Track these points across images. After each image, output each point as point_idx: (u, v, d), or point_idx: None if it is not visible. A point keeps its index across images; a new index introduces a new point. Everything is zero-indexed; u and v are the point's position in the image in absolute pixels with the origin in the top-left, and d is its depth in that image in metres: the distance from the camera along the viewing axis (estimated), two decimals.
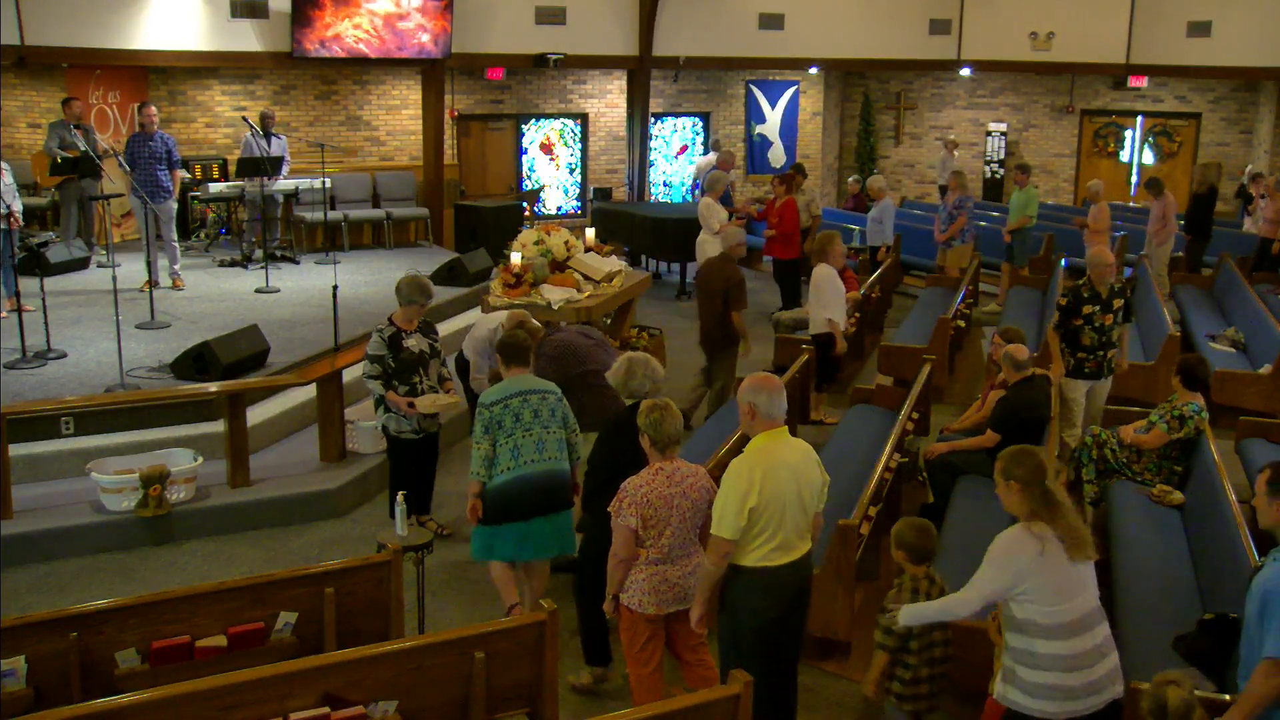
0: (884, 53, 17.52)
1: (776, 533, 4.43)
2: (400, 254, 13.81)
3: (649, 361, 5.53)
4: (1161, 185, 13.56)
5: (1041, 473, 4.06)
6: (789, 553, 4.49)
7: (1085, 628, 3.99)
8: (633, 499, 4.62)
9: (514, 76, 16.72)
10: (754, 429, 4.52)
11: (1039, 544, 3.96)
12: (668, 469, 4.68)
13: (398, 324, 6.82)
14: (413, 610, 5.64)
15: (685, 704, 4.05)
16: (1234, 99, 18.12)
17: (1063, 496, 4.10)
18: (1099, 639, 4.02)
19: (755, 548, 4.44)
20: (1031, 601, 3.95)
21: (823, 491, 4.65)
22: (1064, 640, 3.95)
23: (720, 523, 4.41)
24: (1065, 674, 3.95)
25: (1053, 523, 4.00)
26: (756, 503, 4.36)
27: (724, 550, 4.43)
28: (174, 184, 11.22)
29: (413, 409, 6.69)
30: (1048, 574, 3.93)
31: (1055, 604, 3.94)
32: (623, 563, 4.71)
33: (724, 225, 12.50)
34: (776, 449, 4.48)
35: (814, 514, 4.63)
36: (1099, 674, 4.00)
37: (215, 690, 3.92)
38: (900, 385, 9.26)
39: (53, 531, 6.85)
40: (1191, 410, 6.95)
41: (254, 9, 12.94)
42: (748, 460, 4.43)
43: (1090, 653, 3.99)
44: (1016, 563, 3.97)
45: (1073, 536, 3.98)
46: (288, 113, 15.01)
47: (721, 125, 18.99)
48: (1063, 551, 3.95)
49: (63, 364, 8.67)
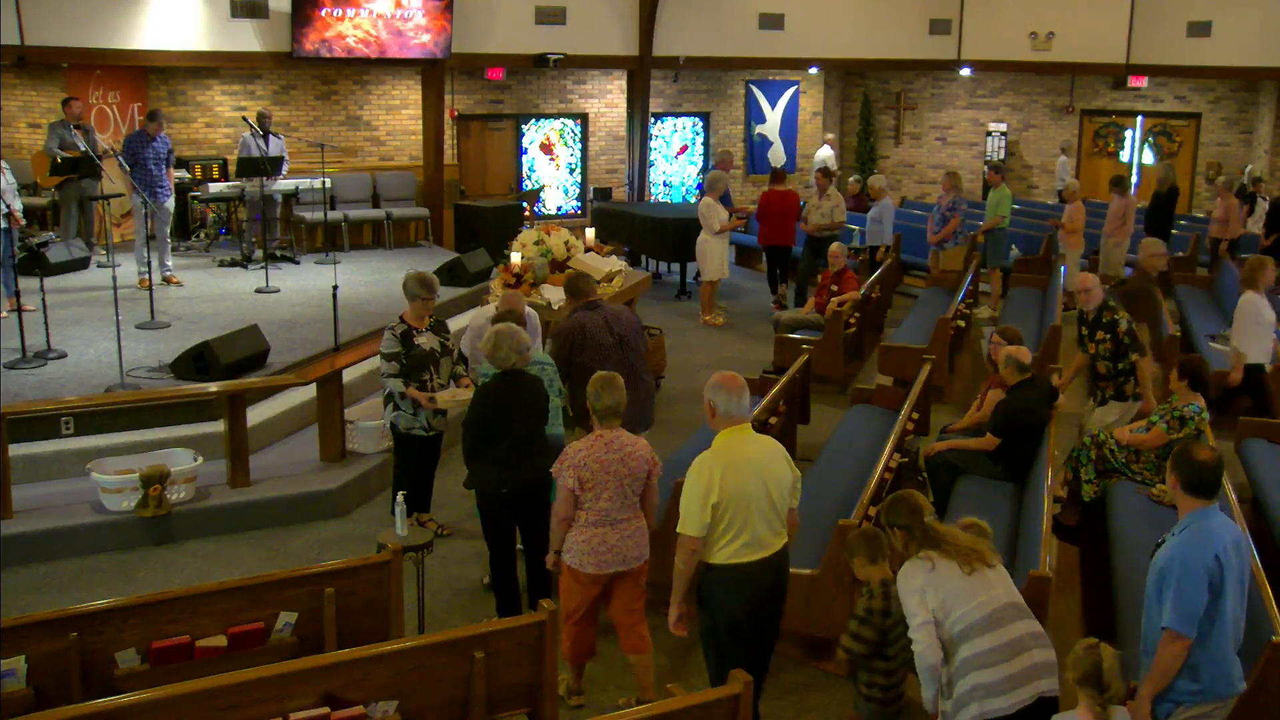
0: (884, 53, 17.52)
1: (744, 529, 4.48)
2: (400, 254, 13.81)
3: (516, 334, 5.71)
4: (1126, 183, 13.62)
5: (918, 514, 4.22)
6: (761, 549, 4.54)
7: (998, 623, 4.07)
8: (572, 462, 4.89)
9: (514, 76, 16.72)
10: (716, 426, 4.62)
11: (928, 564, 4.14)
12: (607, 436, 4.95)
13: (409, 322, 6.84)
14: (413, 610, 5.64)
15: (685, 704, 4.05)
16: (1234, 99, 18.12)
17: (941, 528, 4.25)
18: (1016, 634, 4.08)
19: (724, 544, 4.49)
20: (947, 613, 4.09)
21: (795, 488, 4.69)
22: (978, 638, 4.05)
23: (685, 520, 4.50)
24: (981, 671, 4.02)
25: (938, 550, 4.16)
26: (718, 499, 4.42)
27: (690, 547, 4.52)
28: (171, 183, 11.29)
29: (433, 403, 6.74)
30: (944, 584, 4.10)
31: (962, 607, 4.07)
32: (563, 521, 4.99)
33: (724, 225, 12.54)
34: (739, 445, 4.56)
35: (787, 510, 4.68)
36: (1018, 668, 4.03)
37: (215, 690, 3.92)
38: (900, 385, 9.26)
39: (53, 531, 6.85)
40: (1192, 411, 6.94)
41: (254, 9, 12.94)
42: (708, 458, 4.51)
43: (1005, 648, 4.04)
44: (916, 586, 4.13)
45: (961, 554, 4.14)
46: (288, 113, 15.01)
47: (721, 125, 18.99)
48: (955, 566, 4.12)
49: (63, 364, 8.67)
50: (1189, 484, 4.06)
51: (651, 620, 5.32)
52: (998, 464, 7.00)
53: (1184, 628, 3.91)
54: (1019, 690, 4.00)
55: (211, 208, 13.78)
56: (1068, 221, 13.07)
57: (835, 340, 10.22)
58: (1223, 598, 3.95)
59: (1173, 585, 3.91)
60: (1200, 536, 3.97)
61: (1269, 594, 4.91)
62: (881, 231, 13.51)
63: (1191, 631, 3.92)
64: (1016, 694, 3.99)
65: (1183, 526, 4.06)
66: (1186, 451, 4.13)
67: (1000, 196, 13.13)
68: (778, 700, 5.40)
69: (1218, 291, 12.53)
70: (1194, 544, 3.95)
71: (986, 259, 13.27)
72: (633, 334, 7.07)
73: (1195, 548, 3.94)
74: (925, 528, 4.20)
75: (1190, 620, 3.91)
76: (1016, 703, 3.99)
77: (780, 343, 10.43)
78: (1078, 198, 13.24)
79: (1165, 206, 14.05)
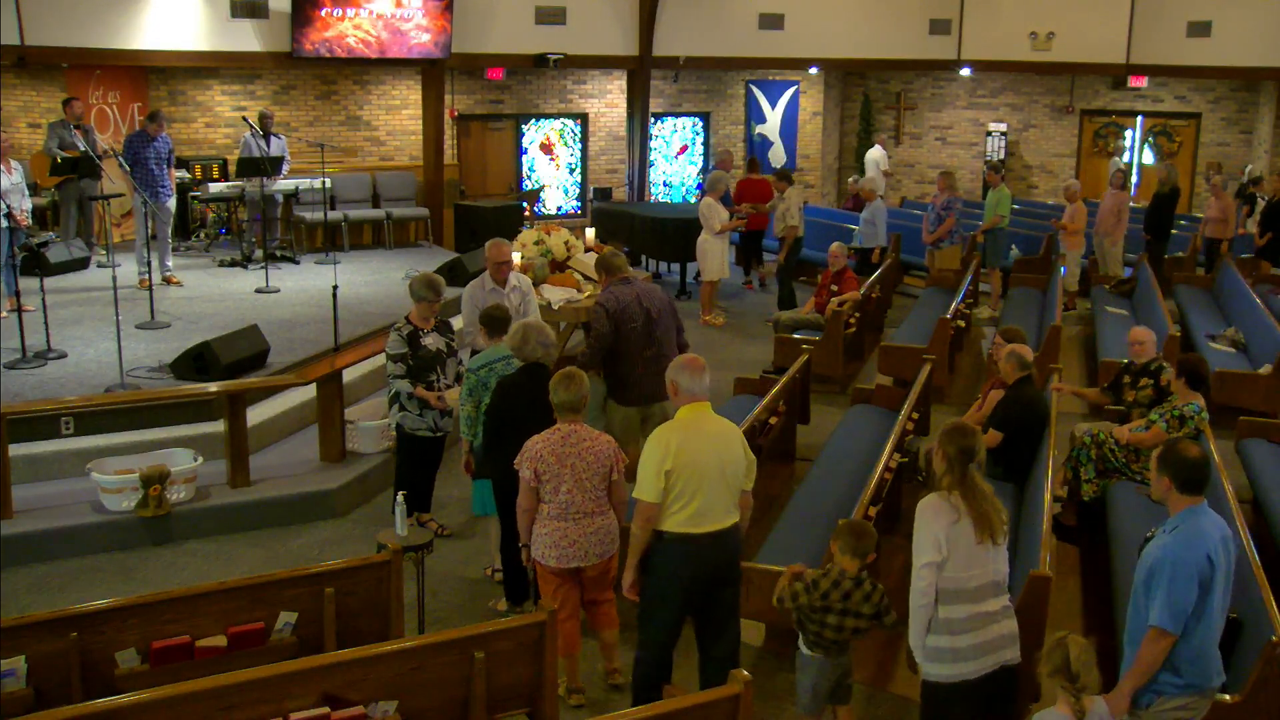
0: (884, 53, 17.51)
1: (693, 499, 4.69)
2: (400, 254, 13.81)
3: (543, 329, 5.94)
4: (1127, 179, 13.62)
5: (969, 455, 4.26)
6: (710, 522, 4.74)
7: (980, 597, 4.23)
8: (529, 454, 5.09)
9: (514, 76, 16.71)
10: (678, 403, 4.89)
11: (955, 514, 4.20)
12: (564, 430, 5.12)
13: (414, 322, 6.86)
14: (413, 610, 5.64)
15: (685, 704, 4.06)
16: (1234, 99, 18.12)
17: (981, 483, 4.29)
18: (991, 608, 4.26)
19: (674, 512, 4.72)
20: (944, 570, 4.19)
21: (749, 471, 4.90)
22: (956, 605, 4.19)
23: (641, 486, 4.73)
24: (953, 636, 4.20)
25: (966, 502, 4.22)
26: (672, 466, 4.66)
27: (646, 514, 4.74)
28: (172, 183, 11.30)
29: (442, 402, 6.76)
30: (958, 542, 4.18)
31: (958, 572, 4.19)
32: (525, 512, 5.18)
33: (725, 225, 12.54)
34: (697, 421, 4.81)
35: (740, 491, 4.88)
36: (985, 638, 4.23)
37: (215, 690, 3.92)
38: (900, 385, 9.26)
39: (53, 531, 6.85)
40: (1192, 410, 6.94)
41: (254, 9, 12.94)
42: (666, 428, 4.80)
43: (977, 618, 4.22)
44: (937, 529, 4.19)
45: (982, 520, 4.20)
46: (288, 113, 15.01)
47: (721, 125, 18.99)
48: (971, 529, 4.19)
49: (63, 364, 8.67)
50: (1182, 482, 4.06)
51: None
52: (998, 464, 6.99)
53: (1171, 626, 3.96)
54: (986, 658, 4.23)
55: (212, 208, 13.78)
56: (1069, 222, 13.07)
57: (835, 340, 10.22)
58: (1211, 595, 3.98)
59: (1164, 584, 3.95)
60: (1193, 535, 3.99)
61: (1269, 594, 4.91)
62: (875, 233, 13.49)
63: (1178, 630, 3.96)
64: (983, 660, 4.23)
65: (1174, 524, 4.07)
66: (1175, 450, 4.12)
67: (1000, 196, 13.11)
68: (778, 700, 5.40)
69: (1217, 291, 12.54)
70: (1187, 543, 3.97)
71: (986, 259, 13.27)
72: (661, 311, 7.29)
73: (1188, 547, 3.96)
74: (966, 472, 4.24)
75: (1178, 619, 3.95)
76: (982, 668, 4.23)
77: (780, 343, 10.43)
78: (1079, 198, 13.24)
79: (1166, 207, 14.05)
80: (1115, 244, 13.60)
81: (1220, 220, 14.07)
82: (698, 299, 13.17)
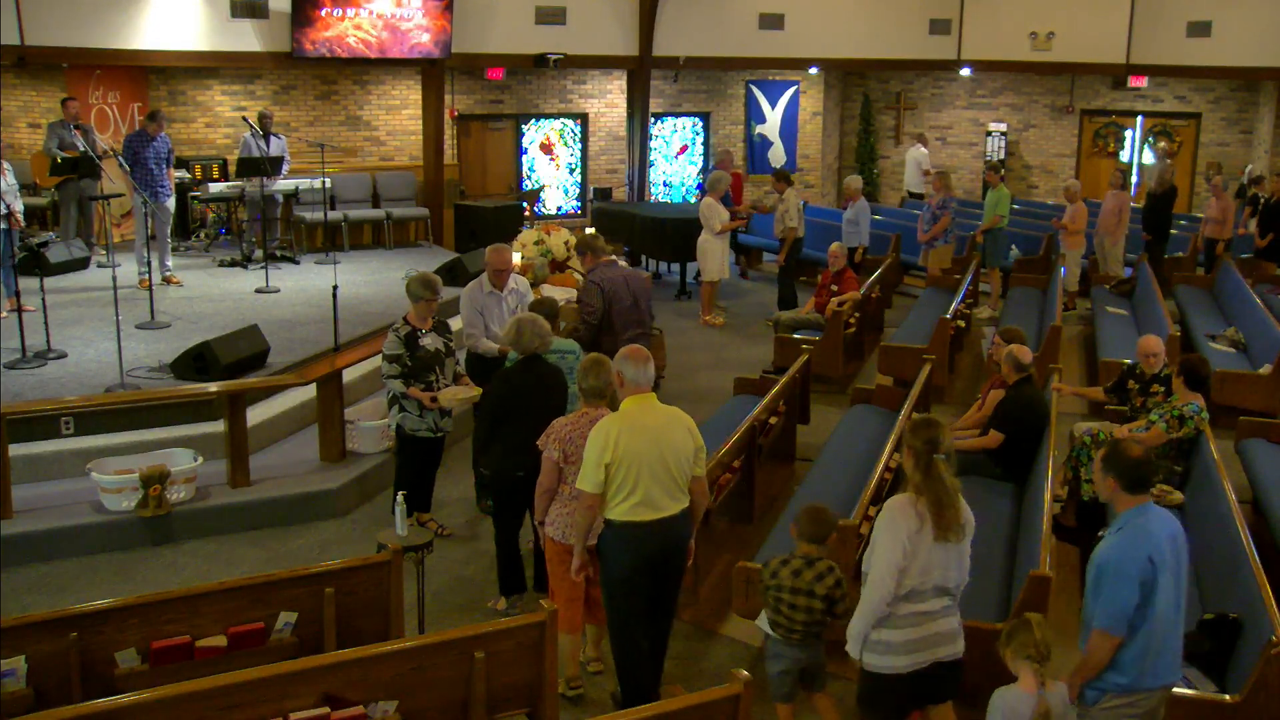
0: (884, 53, 17.52)
1: (636, 489, 4.83)
2: (400, 254, 13.81)
3: (536, 321, 6.06)
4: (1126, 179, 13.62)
5: (935, 446, 4.26)
6: (655, 510, 4.89)
7: (922, 597, 4.27)
8: (557, 435, 5.22)
9: (514, 76, 16.71)
10: (623, 394, 4.99)
11: (919, 521, 4.22)
12: (592, 414, 5.23)
13: (412, 323, 6.85)
14: (413, 610, 5.64)
15: (685, 704, 4.06)
16: (1234, 99, 18.12)
17: (948, 477, 4.27)
18: (932, 607, 4.30)
19: (618, 502, 4.87)
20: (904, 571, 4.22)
21: (698, 457, 5.02)
22: (901, 604, 4.25)
23: (582, 477, 4.90)
24: (890, 631, 4.28)
25: (926, 495, 4.22)
26: (611, 459, 4.79)
27: (587, 502, 4.92)
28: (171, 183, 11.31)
29: (435, 403, 6.77)
30: (919, 546, 4.22)
31: (915, 577, 4.23)
32: (546, 492, 5.30)
33: (725, 225, 12.54)
34: (639, 413, 4.92)
35: (691, 478, 5.01)
36: (920, 635, 4.28)
37: (215, 690, 3.92)
38: (900, 385, 9.26)
39: (53, 531, 6.85)
40: (1192, 410, 6.95)
41: (254, 9, 12.94)
42: (609, 421, 4.91)
43: (918, 616, 4.27)
44: (902, 534, 4.20)
45: (940, 516, 4.21)
46: (288, 113, 15.01)
47: (721, 125, 18.98)
48: (931, 530, 4.22)
49: (63, 364, 8.67)
50: (1128, 482, 4.09)
51: None
52: (998, 464, 7.00)
53: (1112, 628, 4.00)
54: (918, 654, 4.29)
55: (211, 208, 13.78)
56: (1070, 222, 13.06)
57: (835, 340, 10.22)
58: (1154, 595, 4.00)
59: (1105, 586, 4.00)
60: (1136, 535, 4.03)
61: (1269, 594, 4.91)
62: (858, 232, 13.44)
63: (1121, 631, 4.00)
64: (916, 657, 4.28)
65: (1119, 525, 4.10)
66: (1119, 452, 4.14)
67: (999, 196, 13.11)
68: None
69: (1217, 291, 12.54)
70: (1129, 544, 4.01)
71: (986, 259, 13.27)
72: (644, 293, 7.53)
73: (1130, 548, 4.00)
74: (932, 465, 4.24)
75: (1119, 621, 3.98)
76: (914, 664, 4.28)
77: (780, 343, 10.43)
78: (1079, 198, 13.24)
79: (1163, 207, 14.04)
80: (1116, 244, 13.60)
81: (1219, 221, 14.07)
82: (698, 299, 13.18)
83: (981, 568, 5.85)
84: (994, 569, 5.85)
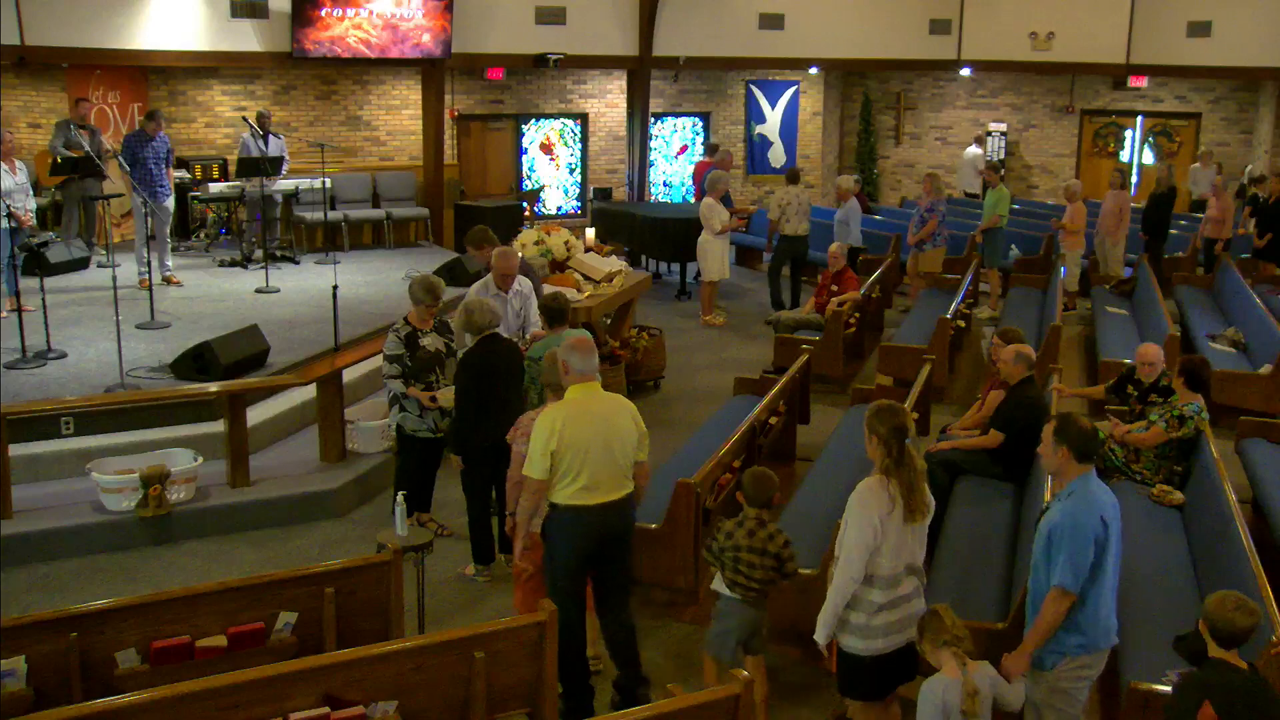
0: (884, 53, 17.51)
1: (580, 474, 4.97)
2: (400, 254, 13.81)
3: (483, 303, 6.51)
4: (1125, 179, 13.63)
5: (902, 433, 4.42)
6: (599, 494, 5.03)
7: (895, 582, 4.44)
8: (524, 430, 5.36)
9: (514, 76, 16.71)
10: (568, 382, 5.13)
11: (891, 503, 4.36)
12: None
13: (413, 323, 6.87)
14: (413, 610, 5.64)
15: (685, 704, 4.06)
16: (1234, 99, 18.11)
17: (915, 460, 4.45)
18: (906, 590, 4.48)
19: (563, 487, 5.00)
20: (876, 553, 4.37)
21: (641, 443, 5.17)
22: (875, 588, 4.41)
23: (528, 464, 5.02)
24: (870, 615, 4.43)
25: (898, 479, 4.37)
26: (557, 446, 4.93)
27: (533, 488, 5.05)
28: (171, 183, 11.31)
29: (435, 403, 6.78)
30: (890, 528, 4.36)
31: (887, 559, 4.39)
32: (516, 484, 5.41)
33: (725, 225, 12.54)
34: (584, 401, 5.07)
35: (634, 463, 5.15)
36: (898, 618, 4.46)
37: (215, 690, 3.92)
38: (900, 385, 9.26)
39: (53, 531, 6.85)
40: (1192, 410, 6.94)
41: (254, 9, 12.94)
42: (554, 410, 5.06)
43: (893, 600, 4.44)
44: (873, 517, 4.34)
45: (910, 499, 4.38)
46: (288, 113, 15.01)
47: (721, 125, 18.98)
48: (901, 512, 4.37)
49: (63, 364, 8.67)
50: (1079, 452, 4.31)
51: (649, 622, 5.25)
52: (998, 464, 6.99)
53: (1072, 584, 4.20)
54: (894, 636, 4.47)
55: (211, 208, 13.77)
56: (1069, 222, 13.06)
57: (835, 340, 10.22)
58: (1105, 556, 4.24)
59: (1065, 545, 4.19)
60: (1087, 500, 4.26)
61: (1269, 594, 4.91)
62: (848, 232, 13.44)
63: (1078, 588, 4.21)
64: (892, 639, 4.46)
65: (1069, 492, 4.32)
66: (1071, 423, 4.36)
67: (999, 197, 13.11)
68: (778, 700, 5.40)
69: (1217, 291, 12.54)
70: (1082, 507, 4.23)
71: (985, 259, 13.26)
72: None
73: (1084, 511, 4.22)
74: (903, 452, 4.40)
75: (1079, 577, 4.20)
76: (890, 645, 4.47)
77: (780, 343, 10.43)
78: (1079, 198, 13.24)
79: (1162, 207, 14.04)
80: (1117, 244, 13.59)
81: (1218, 221, 14.07)
82: (698, 299, 13.18)
83: (981, 568, 5.86)
84: (994, 569, 5.85)
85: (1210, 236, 14.20)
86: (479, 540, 6.60)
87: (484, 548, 6.62)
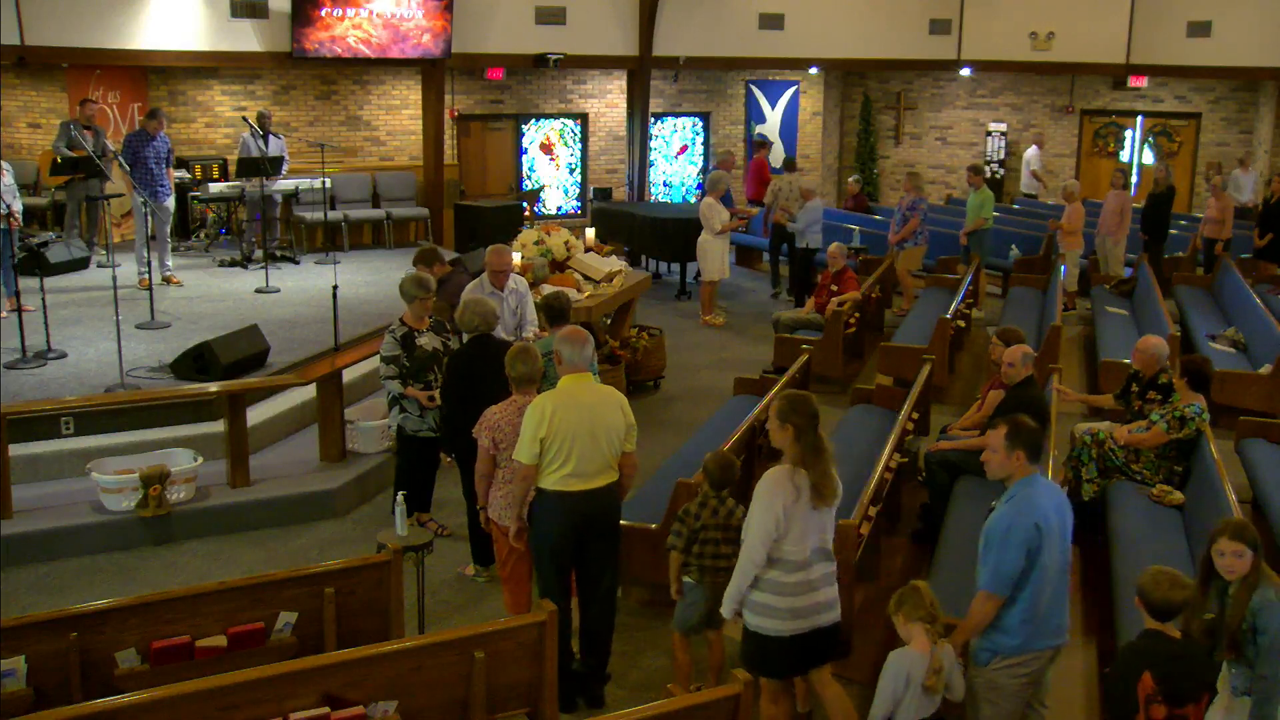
0: (884, 53, 17.51)
1: (568, 461, 5.11)
2: (400, 254, 13.79)
3: (481, 302, 6.56)
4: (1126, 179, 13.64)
5: (814, 420, 4.58)
6: (585, 481, 5.16)
7: (805, 566, 4.55)
8: (488, 424, 5.45)
9: (514, 76, 16.71)
10: (561, 372, 5.26)
11: (796, 491, 4.49)
12: (520, 402, 5.43)
13: (409, 323, 6.87)
14: (412, 610, 5.64)
15: (685, 704, 4.06)
16: (1234, 99, 18.11)
17: (826, 447, 4.60)
18: (814, 575, 4.59)
19: (551, 472, 5.14)
20: (781, 539, 4.49)
21: (628, 434, 5.29)
22: (783, 571, 4.52)
23: (519, 449, 5.15)
24: (778, 598, 4.54)
25: (813, 469, 4.51)
26: (546, 433, 5.06)
27: (522, 474, 5.18)
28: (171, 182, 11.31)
29: (433, 402, 6.79)
30: (796, 514, 4.49)
31: (793, 545, 4.50)
32: (483, 478, 5.55)
33: (725, 225, 12.54)
34: (575, 390, 5.19)
35: (622, 454, 5.27)
36: (805, 604, 4.57)
37: (215, 690, 3.92)
38: (900, 385, 9.26)
39: (53, 531, 6.85)
40: (1193, 411, 6.94)
41: (254, 9, 12.94)
42: (545, 398, 5.17)
43: (801, 585, 4.55)
44: (779, 501, 4.47)
45: (825, 485, 4.52)
46: (288, 113, 15.01)
47: (721, 125, 18.98)
48: (809, 499, 4.49)
49: (63, 364, 8.67)
50: (1032, 453, 4.38)
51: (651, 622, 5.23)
52: None
53: (995, 589, 4.29)
54: (800, 621, 4.57)
55: (211, 208, 13.77)
56: (1067, 222, 13.07)
57: (835, 340, 10.22)
58: (1040, 559, 4.27)
59: (993, 551, 4.29)
60: (1025, 504, 4.31)
61: None
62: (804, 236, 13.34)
63: (1004, 593, 4.29)
64: (797, 624, 4.57)
65: (1011, 494, 4.38)
66: (1020, 424, 4.42)
67: (982, 198, 13.15)
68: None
69: (1217, 291, 12.54)
70: (1019, 512, 4.29)
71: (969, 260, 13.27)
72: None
73: (1020, 515, 4.28)
74: (816, 440, 4.54)
75: (1003, 583, 4.28)
76: (795, 630, 4.57)
77: (780, 343, 10.43)
78: (1078, 198, 13.24)
79: (1162, 207, 14.05)
80: (1118, 244, 13.59)
81: (1218, 221, 14.05)
82: (698, 299, 13.18)
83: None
84: None
85: (1210, 237, 14.19)
86: (479, 540, 6.60)
87: (484, 548, 6.60)
